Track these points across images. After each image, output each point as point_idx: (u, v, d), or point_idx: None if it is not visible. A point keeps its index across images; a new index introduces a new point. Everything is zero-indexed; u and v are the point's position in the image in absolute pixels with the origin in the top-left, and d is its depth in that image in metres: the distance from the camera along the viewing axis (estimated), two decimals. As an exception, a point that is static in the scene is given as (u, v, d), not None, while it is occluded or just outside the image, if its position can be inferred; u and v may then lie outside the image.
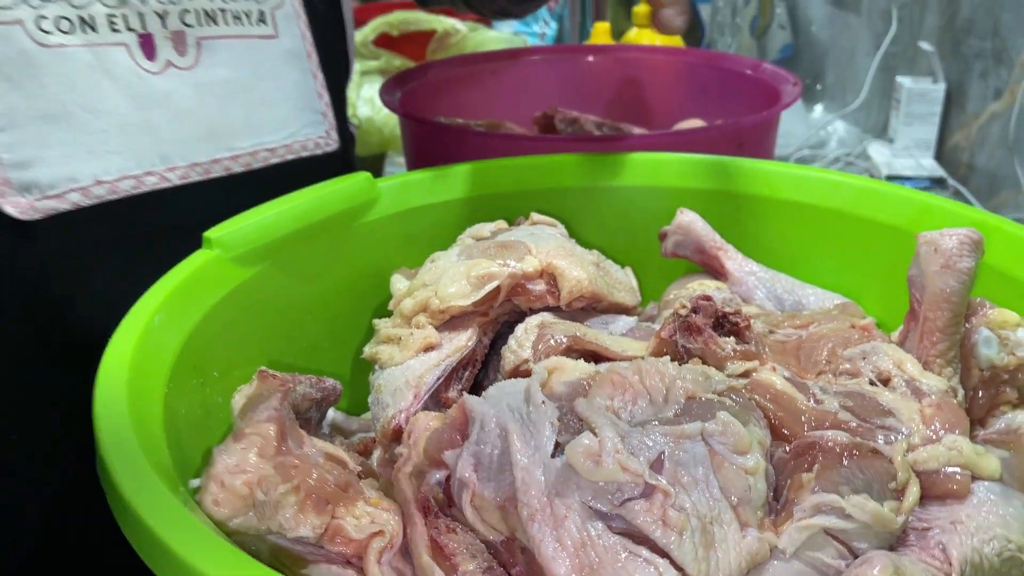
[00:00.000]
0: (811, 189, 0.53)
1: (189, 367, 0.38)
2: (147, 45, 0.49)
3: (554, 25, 1.54)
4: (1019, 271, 0.44)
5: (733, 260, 0.53)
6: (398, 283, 0.49)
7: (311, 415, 0.41)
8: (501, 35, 1.35)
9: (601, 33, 1.10)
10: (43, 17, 0.45)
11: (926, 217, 0.48)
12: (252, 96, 0.53)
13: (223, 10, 0.51)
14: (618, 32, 1.31)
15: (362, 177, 0.51)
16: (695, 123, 0.82)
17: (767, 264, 0.53)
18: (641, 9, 1.03)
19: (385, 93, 0.73)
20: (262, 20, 0.54)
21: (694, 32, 1.32)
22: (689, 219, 0.53)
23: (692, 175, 0.56)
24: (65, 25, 0.46)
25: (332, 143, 0.58)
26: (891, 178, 0.99)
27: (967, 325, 0.40)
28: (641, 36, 1.04)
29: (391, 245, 0.52)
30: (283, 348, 0.47)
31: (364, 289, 0.51)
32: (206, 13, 0.51)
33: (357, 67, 1.25)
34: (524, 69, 0.88)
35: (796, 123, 1.19)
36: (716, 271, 0.53)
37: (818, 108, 1.25)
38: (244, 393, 0.35)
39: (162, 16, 0.49)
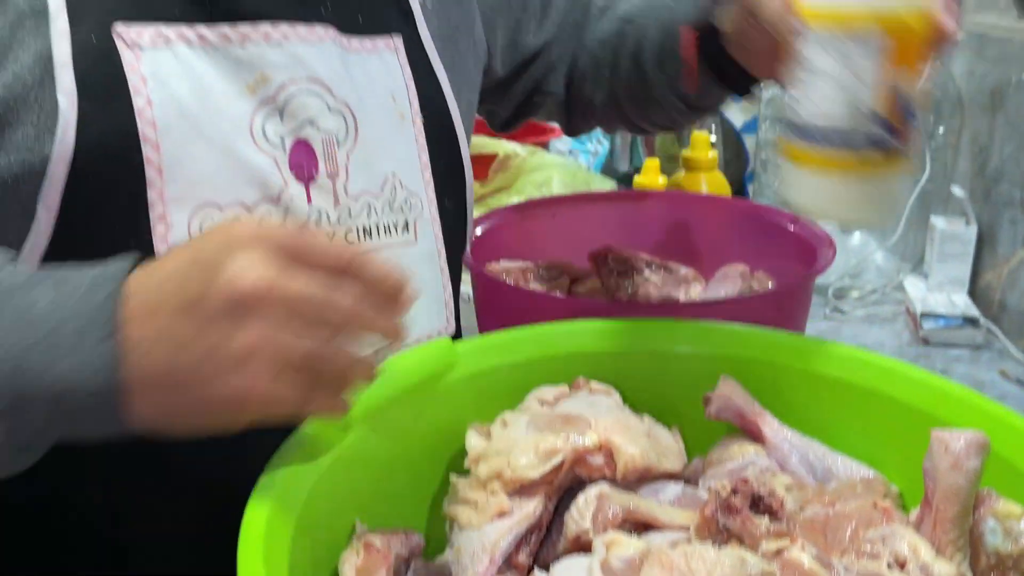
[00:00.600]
0: (840, 365, 0.59)
1: (305, 525, 0.46)
2: None
3: (606, 143, 1.64)
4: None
5: (770, 427, 0.59)
6: (473, 439, 0.56)
7: (400, 570, 0.48)
8: (556, 158, 1.45)
9: (651, 169, 1.18)
10: None
11: (943, 402, 0.54)
12: None
13: (378, 225, 0.60)
14: (666, 158, 1.40)
15: (444, 343, 0.59)
16: (739, 267, 0.89)
17: (801, 430, 0.59)
18: (688, 154, 1.12)
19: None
20: (406, 228, 0.62)
21: (739, 159, 1.40)
22: (731, 388, 0.60)
23: (735, 344, 0.63)
24: None
25: (451, 328, 0.66)
26: (925, 315, 1.05)
27: (975, 515, 0.46)
28: (689, 179, 1.13)
29: (467, 403, 0.59)
30: (371, 499, 0.54)
31: (442, 444, 0.58)
32: (364, 229, 0.59)
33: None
34: (582, 211, 0.97)
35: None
36: (755, 435, 0.60)
37: (857, 235, 1.31)
38: (352, 564, 0.42)
39: (331, 235, 0.57)
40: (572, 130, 0.91)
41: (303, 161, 0.57)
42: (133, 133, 0.51)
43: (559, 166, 1.41)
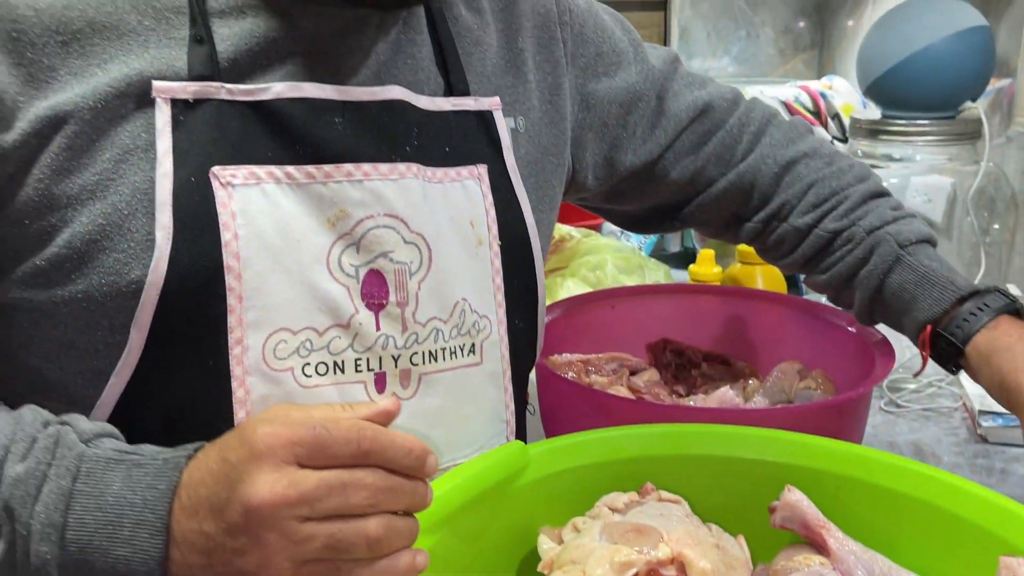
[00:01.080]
0: (904, 479, 0.61)
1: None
2: (380, 381, 0.60)
3: (657, 224, 1.67)
4: (1093, 592, 0.50)
5: (835, 539, 0.60)
6: (545, 544, 0.58)
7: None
8: (609, 241, 1.49)
9: (706, 260, 1.21)
10: (308, 364, 0.57)
11: (1010, 524, 0.55)
12: (454, 419, 0.63)
13: (444, 349, 0.63)
14: (722, 246, 1.42)
15: (516, 447, 0.62)
16: (796, 365, 0.91)
17: (864, 543, 0.60)
18: (744, 247, 1.14)
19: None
20: (472, 351, 0.64)
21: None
22: (795, 498, 0.61)
23: (799, 453, 0.64)
24: (322, 369, 0.58)
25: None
26: (983, 413, 1.05)
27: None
28: (745, 272, 1.15)
29: (538, 505, 0.62)
30: (449, 601, 0.56)
31: (514, 546, 0.60)
32: (430, 353, 0.62)
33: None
34: (640, 303, 0.99)
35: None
36: (820, 546, 0.61)
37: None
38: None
39: (396, 358, 0.60)
40: (645, 230, 0.94)
41: (374, 290, 0.60)
42: (219, 264, 0.55)
43: (612, 249, 1.44)
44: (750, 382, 0.92)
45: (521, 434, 0.71)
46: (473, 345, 0.65)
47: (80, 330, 0.56)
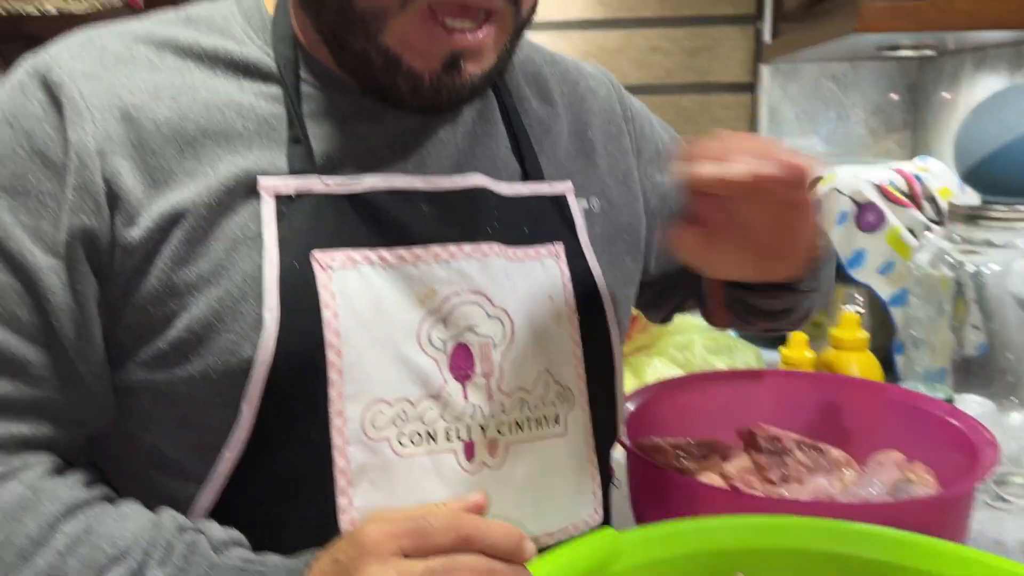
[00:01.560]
0: (1015, 585, 0.58)
1: None
2: (469, 450, 0.63)
3: (746, 304, 1.66)
4: None
5: (940, 644, 0.58)
6: (636, 634, 0.58)
7: None
8: (697, 320, 1.48)
9: (799, 344, 1.20)
10: (403, 434, 0.61)
11: None
12: (542, 489, 0.66)
13: (529, 419, 0.65)
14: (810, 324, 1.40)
15: (608, 534, 0.62)
16: (894, 455, 0.89)
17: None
18: (837, 333, 1.13)
19: (613, 420, 0.85)
20: (556, 421, 0.67)
21: (885, 330, 1.39)
22: (897, 599, 0.59)
23: (899, 552, 0.62)
24: (416, 438, 0.61)
25: (598, 517, 0.69)
26: (1099, 512, 0.99)
27: None
28: (839, 358, 1.13)
29: (629, 595, 0.61)
30: None
31: (606, 634, 0.60)
32: (516, 423, 0.65)
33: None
34: (732, 388, 0.99)
35: (993, 430, 1.21)
36: (923, 651, 0.59)
37: (1015, 416, 1.26)
38: None
39: (484, 428, 0.63)
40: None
41: (461, 363, 0.64)
42: (320, 341, 0.59)
43: (700, 328, 1.44)
44: (846, 472, 0.90)
45: (607, 507, 0.72)
46: (557, 416, 0.67)
47: (196, 407, 0.60)
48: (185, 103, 0.60)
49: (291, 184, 0.60)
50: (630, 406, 0.90)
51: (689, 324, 1.44)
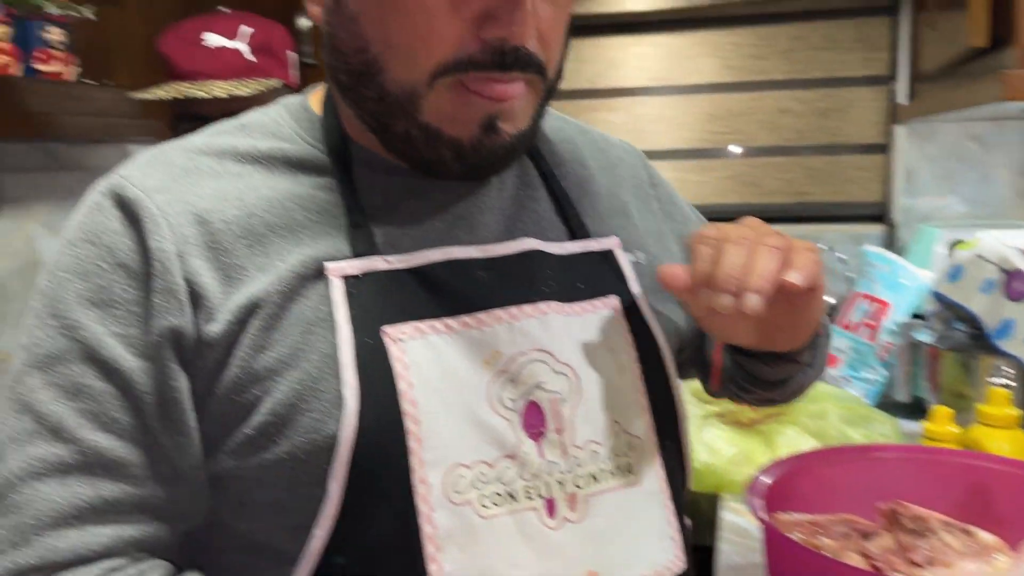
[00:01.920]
0: None
1: None
2: (550, 507, 0.65)
3: (884, 371, 1.61)
4: None
5: None
6: None
7: None
8: (831, 388, 1.45)
9: (943, 418, 1.15)
10: (484, 496, 0.63)
11: None
12: (623, 539, 0.67)
13: (603, 469, 0.67)
14: (953, 395, 1.35)
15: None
16: (1050, 544, 0.84)
17: None
18: (986, 409, 1.09)
19: (750, 494, 0.85)
20: (629, 470, 0.68)
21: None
22: None
23: (1061, 649, 0.60)
24: (497, 499, 0.63)
25: (681, 564, 0.70)
26: None
27: None
28: (987, 436, 1.09)
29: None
30: None
31: None
32: (591, 475, 0.66)
33: (698, 412, 1.41)
34: (872, 463, 0.97)
35: None
36: None
37: None
38: None
39: (562, 483, 0.65)
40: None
41: (533, 420, 0.66)
42: (398, 411, 0.61)
43: (835, 397, 1.41)
44: (999, 558, 0.86)
45: (687, 553, 0.73)
46: (630, 465, 0.68)
47: (285, 489, 0.62)
48: (250, 202, 0.65)
49: (356, 265, 0.64)
50: (766, 479, 0.90)
51: (823, 393, 1.41)
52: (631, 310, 0.73)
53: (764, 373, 0.82)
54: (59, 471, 0.60)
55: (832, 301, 2.05)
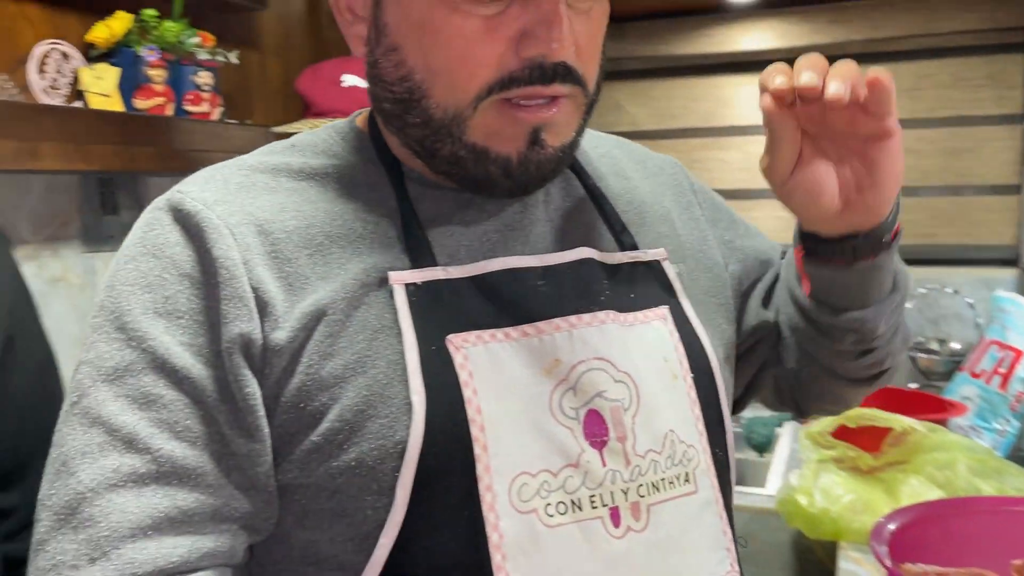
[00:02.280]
0: None
1: None
2: (615, 516, 0.64)
3: (1015, 423, 1.53)
4: None
5: None
6: None
7: None
8: (959, 439, 1.39)
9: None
10: (549, 504, 0.62)
11: None
12: (683, 548, 0.66)
13: (663, 479, 0.67)
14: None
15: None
16: None
17: None
18: None
19: (874, 541, 0.83)
20: (687, 479, 0.68)
21: None
22: None
23: None
24: (562, 508, 0.63)
25: (734, 573, 0.69)
26: None
27: None
28: None
29: None
30: None
31: None
32: (652, 484, 0.66)
33: (813, 455, 1.37)
34: (1004, 517, 0.93)
35: None
36: None
37: None
38: None
39: (625, 492, 0.65)
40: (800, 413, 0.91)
41: (595, 429, 0.65)
42: (464, 418, 0.61)
43: (963, 448, 1.35)
44: None
45: (739, 565, 0.71)
46: (687, 474, 0.68)
47: (352, 496, 0.62)
48: (307, 214, 0.65)
49: (416, 275, 0.65)
50: (892, 526, 0.87)
51: (951, 442, 1.36)
52: (680, 320, 0.73)
53: (852, 292, 0.74)
54: (133, 482, 0.58)
55: (956, 346, 1.96)
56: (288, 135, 1.53)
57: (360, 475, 0.61)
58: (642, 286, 0.73)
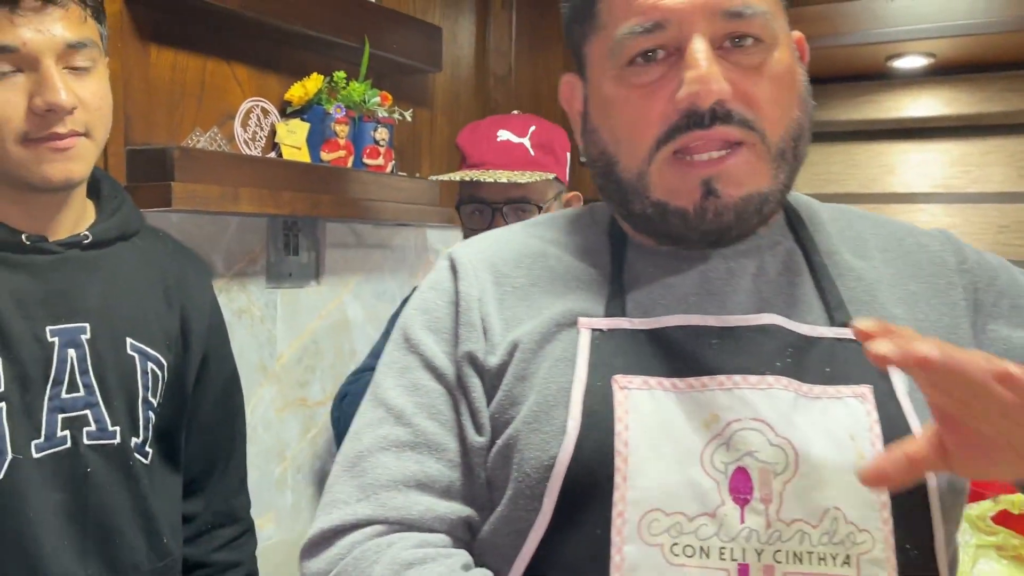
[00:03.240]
0: None
1: None
2: (743, 572, 0.65)
3: None
4: None
5: None
6: None
7: None
8: None
9: None
10: (676, 544, 0.66)
11: None
12: None
13: (811, 553, 0.65)
14: None
15: None
16: None
17: None
18: None
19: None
20: (846, 562, 0.65)
21: None
22: None
23: None
24: (689, 551, 0.65)
25: None
26: None
27: None
28: None
29: None
30: None
31: None
32: (794, 554, 0.65)
33: (972, 540, 1.30)
34: None
35: None
36: None
37: None
38: None
39: (759, 552, 0.65)
40: None
41: (740, 486, 0.67)
42: (611, 447, 0.68)
43: None
44: None
45: None
46: (848, 557, 0.65)
47: (511, 498, 0.71)
48: (535, 273, 0.79)
49: (604, 322, 0.74)
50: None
51: None
52: (888, 403, 0.71)
53: None
54: (396, 447, 0.75)
55: None
56: (448, 191, 1.64)
57: (518, 480, 0.71)
58: (843, 362, 0.72)
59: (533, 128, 1.59)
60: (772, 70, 0.70)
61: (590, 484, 0.68)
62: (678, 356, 0.71)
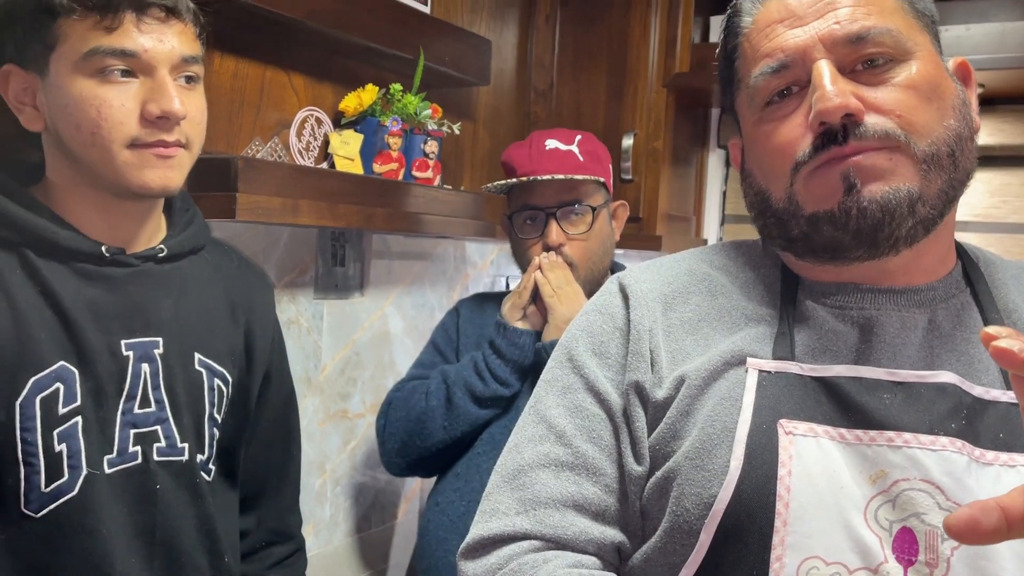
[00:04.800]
0: None
1: None
2: None
3: None
4: None
5: None
6: None
7: None
8: None
9: None
10: None
11: None
12: None
13: None
14: None
15: None
16: None
17: None
18: None
19: None
20: None
21: None
22: None
23: None
24: None
25: None
26: None
27: None
28: None
29: None
30: None
31: None
32: None
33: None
34: None
35: None
36: None
37: None
38: None
39: None
40: None
41: (905, 546, 0.66)
42: (772, 491, 0.67)
43: None
44: None
45: None
46: None
47: (667, 531, 0.72)
48: (704, 307, 0.79)
49: (772, 364, 0.73)
50: None
51: None
52: None
53: None
54: (556, 466, 0.77)
55: None
56: (490, 204, 1.63)
57: (676, 514, 0.71)
58: (1019, 428, 0.69)
59: (579, 137, 1.63)
60: (911, 81, 0.70)
61: (749, 525, 0.68)
62: (847, 406, 0.70)
